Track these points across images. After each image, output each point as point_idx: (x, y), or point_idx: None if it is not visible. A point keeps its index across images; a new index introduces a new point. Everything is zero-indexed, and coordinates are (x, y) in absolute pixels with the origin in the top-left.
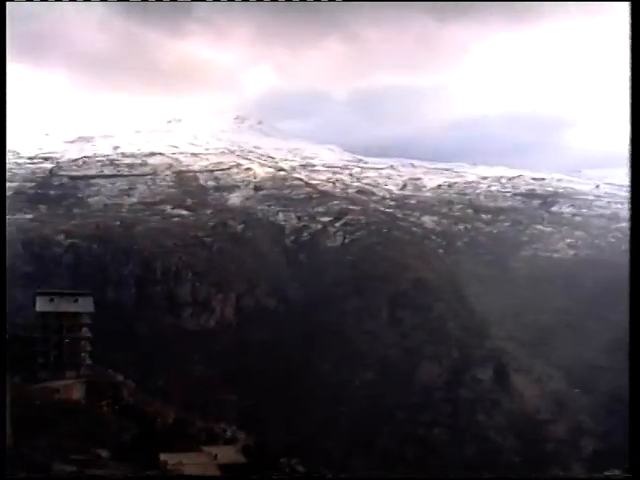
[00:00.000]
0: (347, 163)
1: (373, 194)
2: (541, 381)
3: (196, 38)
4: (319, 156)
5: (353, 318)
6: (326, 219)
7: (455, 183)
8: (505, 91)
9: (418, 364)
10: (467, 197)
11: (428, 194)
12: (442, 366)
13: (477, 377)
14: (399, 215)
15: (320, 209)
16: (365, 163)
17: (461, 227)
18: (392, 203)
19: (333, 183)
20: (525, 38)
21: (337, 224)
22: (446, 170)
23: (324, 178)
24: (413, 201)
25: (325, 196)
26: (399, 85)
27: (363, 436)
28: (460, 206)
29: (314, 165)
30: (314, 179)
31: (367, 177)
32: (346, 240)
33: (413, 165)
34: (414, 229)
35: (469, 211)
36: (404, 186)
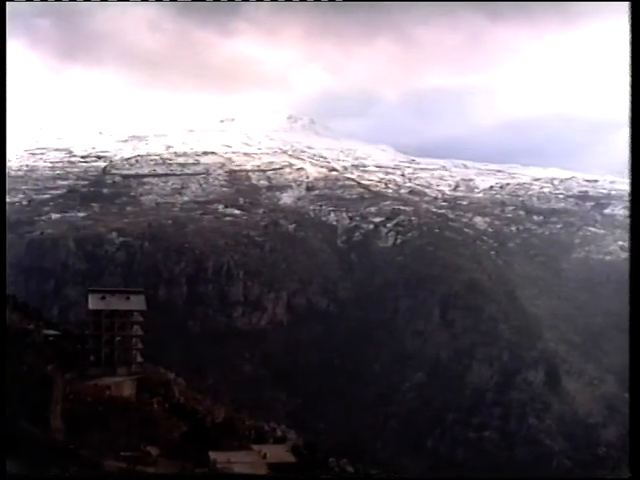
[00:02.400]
0: (399, 163)
1: (425, 195)
2: (593, 384)
3: (247, 37)
4: (371, 156)
5: (404, 319)
6: (378, 219)
7: (507, 184)
8: (557, 92)
9: (469, 366)
10: (519, 198)
11: (480, 195)
12: (493, 368)
13: (528, 380)
14: (451, 216)
15: (372, 209)
16: (417, 164)
17: (513, 228)
18: (444, 204)
19: (385, 183)
20: (578, 37)
21: (389, 224)
22: (498, 171)
23: (376, 178)
24: (465, 202)
25: (377, 196)
26: (450, 85)
27: (412, 438)
28: (512, 207)
29: (366, 165)
30: (366, 179)
31: (419, 178)
32: (398, 241)
33: (465, 166)
34: (466, 230)
35: (521, 213)
36: (456, 187)
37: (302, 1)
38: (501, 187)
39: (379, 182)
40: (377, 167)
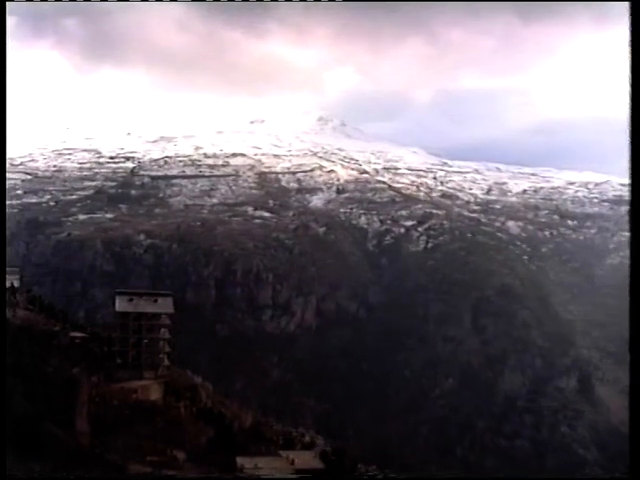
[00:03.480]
0: (431, 166)
1: (457, 198)
2: (626, 392)
3: (277, 38)
4: (403, 159)
5: (435, 324)
6: (409, 223)
7: (541, 188)
8: (592, 93)
9: (500, 373)
10: (553, 203)
11: (513, 199)
12: (525, 375)
13: (560, 387)
14: (484, 220)
15: (403, 213)
16: (449, 166)
17: (547, 233)
18: (477, 208)
19: (417, 186)
20: (612, 37)
21: (420, 228)
22: (532, 175)
23: (408, 181)
24: (498, 206)
25: (409, 200)
26: (483, 87)
27: (442, 445)
28: (546, 212)
29: (398, 168)
30: (398, 182)
31: (451, 181)
32: (429, 245)
33: (498, 169)
34: (499, 234)
35: (555, 217)
36: (489, 190)
37: (331, 1)
38: (535, 191)
39: (410, 185)
40: (409, 170)
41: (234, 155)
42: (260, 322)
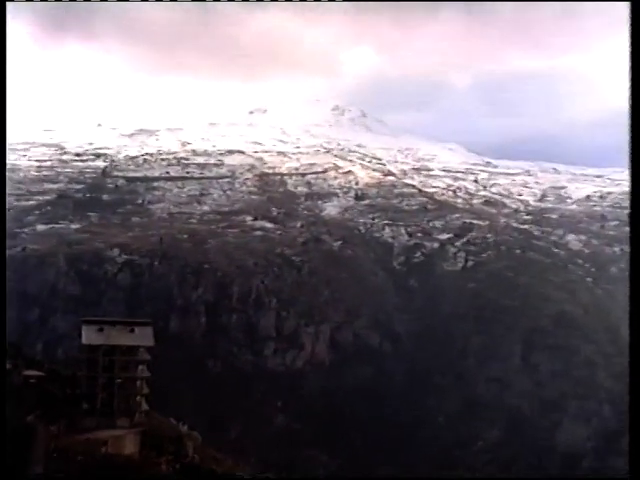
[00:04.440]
0: (471, 167)
1: (504, 206)
2: None
3: (282, 10)
4: (436, 157)
5: (476, 361)
6: (444, 236)
7: (609, 193)
8: None
9: (559, 423)
10: (624, 211)
11: (574, 207)
12: (590, 426)
13: None
14: (536, 233)
15: (437, 224)
16: (494, 167)
17: (616, 249)
18: (528, 217)
19: (454, 191)
20: None
21: (458, 243)
22: (597, 177)
23: (442, 185)
24: (555, 215)
25: (443, 207)
26: (535, 69)
27: None
28: (615, 223)
29: (430, 169)
30: (430, 186)
31: (496, 184)
32: (469, 263)
33: (555, 170)
34: (555, 250)
35: (626, 229)
36: (543, 196)
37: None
38: (601, 197)
39: (446, 189)
40: (443, 171)
41: (229, 152)
42: (261, 357)
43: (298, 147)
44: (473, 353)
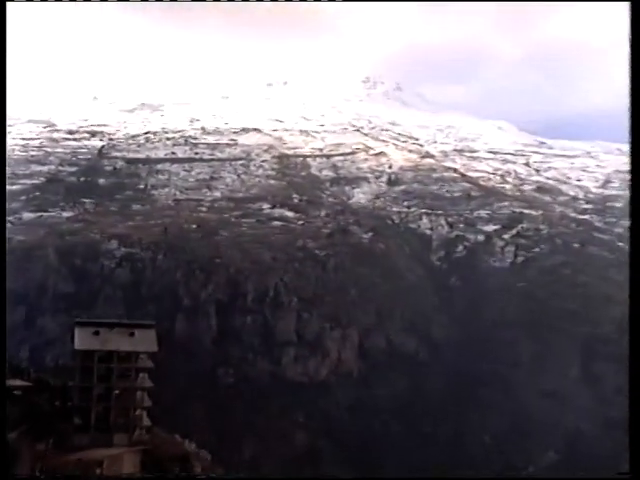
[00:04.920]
0: (523, 148)
1: (560, 193)
2: None
3: None
4: (482, 137)
5: (527, 372)
6: (490, 228)
7: None
8: None
9: (624, 446)
10: None
11: None
12: None
13: None
14: (598, 224)
15: (482, 213)
16: (549, 148)
17: None
18: (588, 207)
19: (502, 176)
20: None
21: (506, 235)
22: None
23: (489, 169)
24: (619, 204)
25: (490, 195)
26: (595, 38)
27: None
28: None
29: (475, 150)
30: (474, 170)
31: (551, 168)
32: (519, 258)
33: (621, 151)
34: (620, 245)
35: None
36: (606, 182)
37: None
38: None
39: (493, 174)
40: (490, 152)
41: (244, 131)
42: (279, 365)
43: (323, 125)
44: (524, 363)
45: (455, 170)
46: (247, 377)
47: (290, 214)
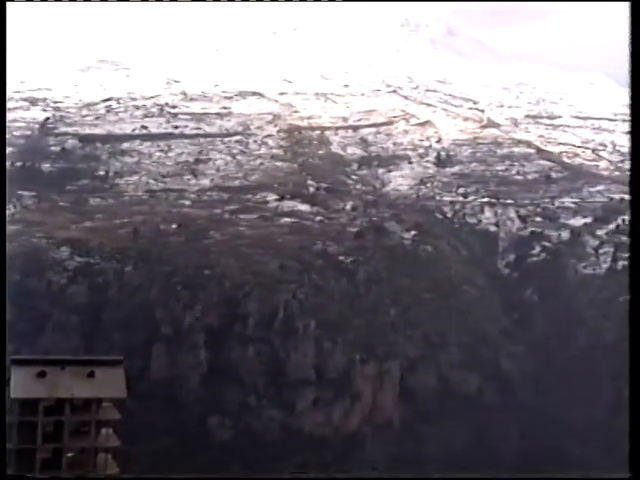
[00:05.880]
0: (623, 111)
1: None
2: None
3: None
4: (567, 97)
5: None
6: (579, 221)
7: None
8: None
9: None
10: None
11: None
12: None
13: None
14: None
15: (567, 202)
16: None
17: None
18: None
19: (594, 150)
20: None
21: (601, 231)
22: None
23: (576, 141)
24: None
25: (578, 176)
26: None
27: None
28: None
29: (556, 116)
30: (556, 143)
31: None
32: (619, 263)
33: None
34: None
35: None
36: None
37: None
38: None
39: (582, 148)
40: (578, 118)
41: (241, 95)
42: (292, 413)
43: (347, 85)
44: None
45: (529, 144)
46: (249, 430)
47: (304, 207)
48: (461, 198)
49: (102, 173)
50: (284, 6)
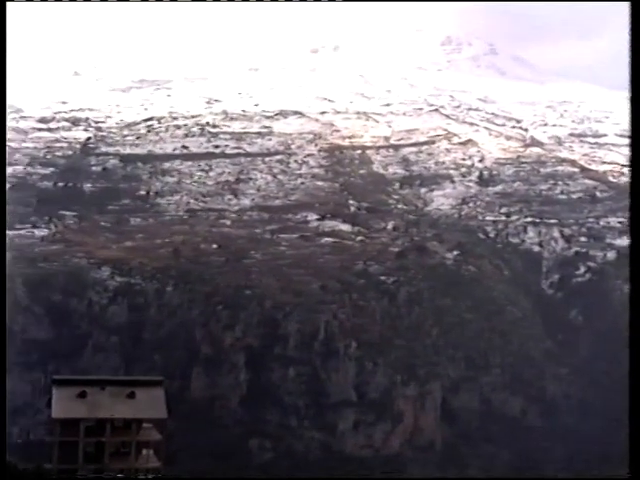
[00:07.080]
0: None
1: None
2: None
3: None
4: (613, 116)
5: None
6: (625, 241)
7: None
8: None
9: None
10: None
11: None
12: None
13: None
14: None
15: (613, 221)
16: None
17: None
18: None
19: None
20: None
21: None
22: None
23: (622, 160)
24: None
25: (623, 195)
26: None
27: None
28: None
29: (601, 134)
30: (601, 162)
31: None
32: None
33: None
34: None
35: None
36: None
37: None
38: None
39: (627, 168)
40: (623, 137)
41: (282, 114)
42: (334, 434)
43: (388, 104)
44: None
45: (573, 162)
46: (290, 451)
47: (345, 227)
48: (504, 217)
49: (143, 193)
50: (325, 25)
